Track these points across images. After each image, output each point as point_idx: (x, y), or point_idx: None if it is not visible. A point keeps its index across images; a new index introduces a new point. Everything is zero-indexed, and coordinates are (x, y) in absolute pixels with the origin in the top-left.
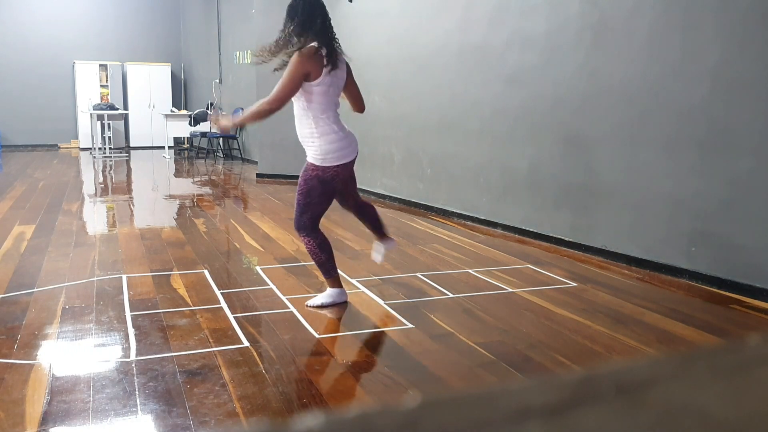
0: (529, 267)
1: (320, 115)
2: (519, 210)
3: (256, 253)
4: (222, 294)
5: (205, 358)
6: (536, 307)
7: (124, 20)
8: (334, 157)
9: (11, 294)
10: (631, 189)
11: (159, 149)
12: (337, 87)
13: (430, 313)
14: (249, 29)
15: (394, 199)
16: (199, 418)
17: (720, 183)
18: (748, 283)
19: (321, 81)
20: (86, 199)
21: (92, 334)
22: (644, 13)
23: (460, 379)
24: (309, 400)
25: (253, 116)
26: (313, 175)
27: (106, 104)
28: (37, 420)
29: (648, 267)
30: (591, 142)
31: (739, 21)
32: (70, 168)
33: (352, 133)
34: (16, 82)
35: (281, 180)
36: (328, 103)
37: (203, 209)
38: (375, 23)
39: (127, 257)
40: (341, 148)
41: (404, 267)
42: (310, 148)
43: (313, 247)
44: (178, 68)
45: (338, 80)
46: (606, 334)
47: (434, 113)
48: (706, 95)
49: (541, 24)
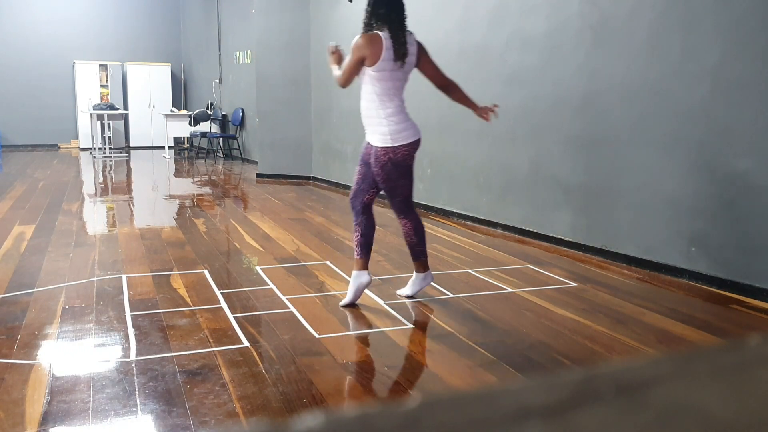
0: (529, 267)
1: (385, 97)
2: (519, 210)
3: (256, 253)
4: (222, 294)
5: (205, 358)
6: (536, 307)
7: (124, 20)
8: (402, 136)
9: (11, 294)
10: (631, 189)
11: (159, 149)
12: (404, 72)
13: (430, 313)
14: (249, 29)
15: None
16: (199, 418)
17: (720, 183)
18: (748, 283)
19: (378, 66)
20: (86, 199)
21: (92, 334)
22: (644, 13)
23: (460, 379)
24: (309, 400)
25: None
26: (385, 160)
27: (106, 104)
28: (37, 420)
29: (648, 267)
30: (591, 142)
31: (739, 21)
32: (70, 168)
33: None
34: (16, 82)
35: (281, 180)
36: (392, 88)
37: (203, 209)
38: None
39: (127, 257)
40: (407, 128)
41: (404, 267)
42: (378, 129)
43: (409, 230)
44: (178, 68)
45: (407, 66)
46: (606, 334)
47: (434, 113)
48: (706, 95)
49: (541, 24)
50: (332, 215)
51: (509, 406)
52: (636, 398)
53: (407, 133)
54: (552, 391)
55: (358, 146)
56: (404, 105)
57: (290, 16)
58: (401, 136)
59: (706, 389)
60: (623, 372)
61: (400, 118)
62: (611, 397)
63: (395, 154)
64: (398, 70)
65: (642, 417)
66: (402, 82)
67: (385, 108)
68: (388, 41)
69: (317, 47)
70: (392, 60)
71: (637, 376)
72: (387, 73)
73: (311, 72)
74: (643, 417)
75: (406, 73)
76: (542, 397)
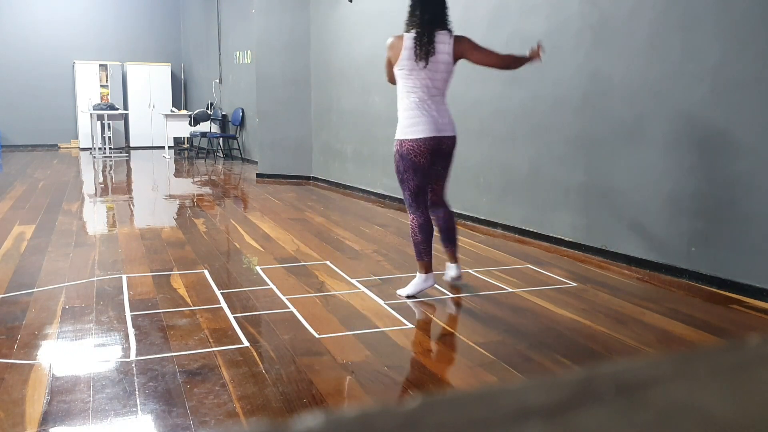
0: (529, 267)
1: (404, 93)
2: (519, 210)
3: (256, 253)
4: (222, 294)
5: (205, 358)
6: (536, 307)
7: (124, 20)
8: (407, 131)
9: (11, 294)
10: (631, 189)
11: (159, 149)
12: (431, 71)
13: (430, 313)
14: (249, 29)
15: (394, 200)
16: (199, 418)
17: (720, 183)
18: (748, 283)
19: (399, 65)
20: (86, 199)
21: (92, 334)
22: (644, 13)
23: (460, 379)
24: (309, 400)
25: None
26: (395, 152)
27: (106, 104)
28: (37, 420)
29: (648, 267)
30: (591, 142)
31: (739, 21)
32: (70, 168)
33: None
34: (16, 82)
35: (281, 180)
36: (413, 85)
37: (203, 209)
38: (375, 23)
39: (127, 257)
40: (415, 124)
41: (404, 267)
42: (399, 122)
43: (414, 226)
44: (178, 68)
45: (433, 64)
46: (606, 334)
47: None
48: (706, 95)
49: (541, 24)
50: (332, 215)
51: (509, 406)
52: (636, 398)
53: (415, 129)
54: (552, 391)
55: (358, 146)
56: (429, 101)
57: (290, 16)
58: (409, 130)
59: (706, 389)
60: (623, 372)
61: (413, 114)
62: (611, 397)
63: (401, 146)
64: (421, 69)
65: (642, 417)
66: (429, 80)
67: (403, 103)
68: (409, 41)
69: (317, 47)
70: (412, 60)
71: (637, 376)
72: (407, 72)
73: (311, 72)
74: (643, 417)
75: (436, 72)
76: (542, 397)
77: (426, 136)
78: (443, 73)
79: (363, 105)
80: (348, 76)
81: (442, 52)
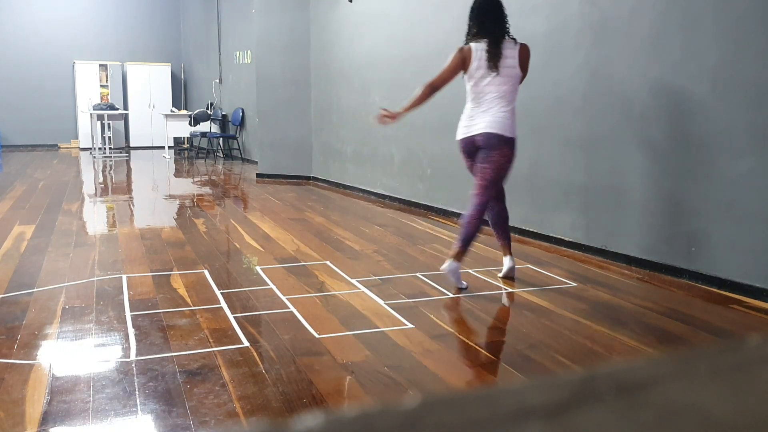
0: (529, 267)
1: (468, 98)
2: (519, 210)
3: (256, 253)
4: (222, 294)
5: (205, 358)
6: (536, 307)
7: (124, 20)
8: (458, 132)
9: (11, 294)
10: (631, 189)
11: (159, 149)
12: (503, 77)
13: (430, 313)
14: (249, 29)
15: (394, 199)
16: (199, 418)
17: (720, 183)
18: (748, 283)
19: (468, 74)
20: (86, 199)
21: (92, 334)
22: (644, 13)
23: (460, 379)
24: (309, 400)
25: (416, 102)
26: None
27: (106, 104)
28: (37, 420)
29: (648, 267)
30: (591, 142)
31: (739, 21)
32: (70, 168)
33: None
34: (16, 82)
35: (281, 180)
36: (477, 93)
37: (203, 209)
38: (375, 23)
39: (127, 257)
40: (460, 127)
41: (404, 267)
42: None
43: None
44: (178, 68)
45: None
46: (606, 334)
47: (434, 113)
48: (706, 95)
49: (541, 24)
50: (332, 215)
51: (509, 406)
52: (636, 398)
53: (459, 131)
54: (552, 391)
55: (357, 146)
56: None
57: (290, 16)
58: (458, 132)
59: (706, 389)
60: (623, 372)
61: (463, 117)
62: (611, 397)
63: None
64: (485, 77)
65: (642, 417)
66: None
67: (466, 105)
68: (480, 52)
69: (317, 47)
70: (483, 68)
71: (637, 376)
72: (476, 80)
73: (311, 72)
74: (643, 417)
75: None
76: (542, 397)
77: (457, 139)
78: (513, 78)
79: (363, 105)
80: (348, 75)
81: (510, 57)
